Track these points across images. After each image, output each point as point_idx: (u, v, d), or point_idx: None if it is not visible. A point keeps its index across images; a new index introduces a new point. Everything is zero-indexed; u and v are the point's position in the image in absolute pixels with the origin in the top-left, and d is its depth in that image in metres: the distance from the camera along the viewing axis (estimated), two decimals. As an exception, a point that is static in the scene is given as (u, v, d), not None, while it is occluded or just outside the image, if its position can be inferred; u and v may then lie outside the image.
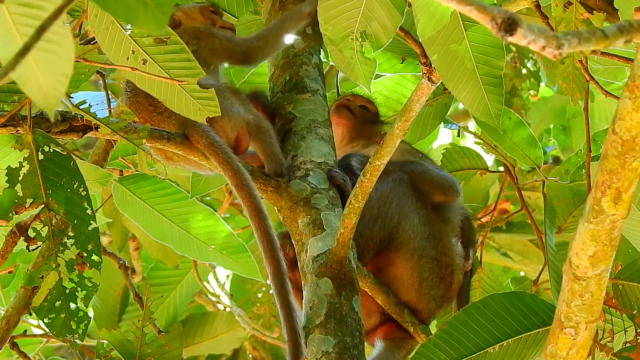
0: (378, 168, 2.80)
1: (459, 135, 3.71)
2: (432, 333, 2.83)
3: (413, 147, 3.54)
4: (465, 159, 3.75)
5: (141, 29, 2.52)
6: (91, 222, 2.73)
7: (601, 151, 2.07)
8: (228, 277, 5.12)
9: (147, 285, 3.41)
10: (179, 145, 2.95)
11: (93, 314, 4.91)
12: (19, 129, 2.74)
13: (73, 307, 2.72)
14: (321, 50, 3.48)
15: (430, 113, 3.65)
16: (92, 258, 2.72)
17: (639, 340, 2.77)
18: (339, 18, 2.90)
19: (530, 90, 5.38)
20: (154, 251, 4.75)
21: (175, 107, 2.73)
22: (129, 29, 2.55)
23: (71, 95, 2.81)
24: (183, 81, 2.61)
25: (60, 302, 2.72)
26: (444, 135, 6.78)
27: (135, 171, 3.62)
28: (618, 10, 2.81)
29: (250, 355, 5.12)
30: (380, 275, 3.17)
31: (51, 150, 2.75)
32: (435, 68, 2.76)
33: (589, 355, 2.46)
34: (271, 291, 4.97)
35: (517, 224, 4.32)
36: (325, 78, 3.45)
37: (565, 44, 1.61)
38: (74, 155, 2.84)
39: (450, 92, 3.11)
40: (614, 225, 2.12)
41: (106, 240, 4.90)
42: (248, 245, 3.76)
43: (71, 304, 2.72)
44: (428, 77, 2.70)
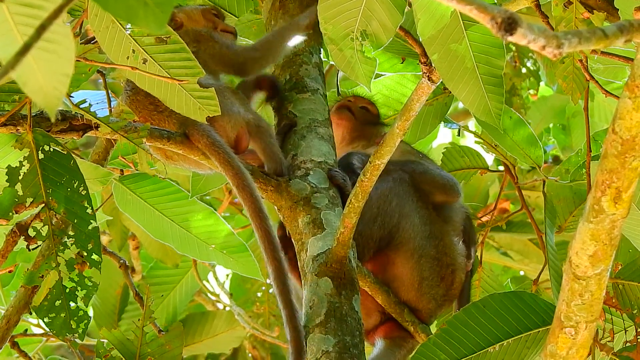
0: (378, 167, 2.80)
1: (459, 135, 3.71)
2: (433, 332, 2.83)
3: (413, 148, 3.53)
4: (466, 158, 3.75)
5: (141, 29, 2.52)
6: (91, 222, 2.73)
7: (601, 151, 2.07)
8: (228, 276, 5.12)
9: (148, 285, 3.40)
10: (179, 145, 2.95)
11: (93, 313, 4.91)
12: (19, 128, 2.74)
13: (73, 306, 2.72)
14: (321, 49, 3.48)
15: (431, 112, 3.65)
16: (92, 257, 2.72)
17: (639, 340, 2.77)
18: (339, 17, 2.90)
19: (530, 89, 5.37)
20: (154, 250, 4.75)
21: (176, 107, 2.73)
22: (129, 28, 2.55)
23: (71, 95, 2.81)
24: (183, 80, 2.61)
25: (60, 302, 2.72)
26: (444, 134, 6.78)
27: (135, 170, 3.62)
28: (618, 9, 2.81)
29: (250, 355, 5.12)
30: (380, 274, 3.17)
31: (51, 149, 2.74)
32: (435, 67, 2.76)
33: (589, 355, 2.45)
34: (271, 290, 4.98)
35: (517, 223, 4.32)
36: (325, 77, 3.44)
37: (565, 44, 1.61)
38: (74, 154, 2.84)
39: (451, 92, 3.11)
40: (614, 224, 2.12)
41: (106, 239, 4.90)
42: (248, 244, 3.76)
43: (71, 303, 2.72)
44: (428, 77, 2.70)
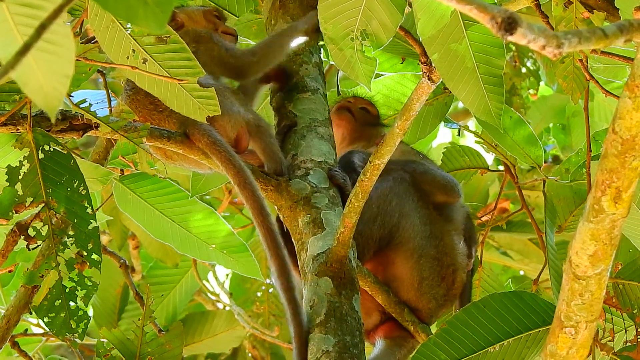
0: (378, 167, 2.79)
1: (459, 135, 3.71)
2: (433, 332, 2.83)
3: (413, 148, 3.53)
4: (466, 157, 3.75)
5: (141, 28, 2.52)
6: (91, 221, 2.73)
7: (601, 150, 2.07)
8: (227, 276, 5.12)
9: (148, 284, 3.40)
10: (179, 144, 2.94)
11: (93, 313, 4.91)
12: (19, 127, 2.74)
13: (73, 306, 2.72)
14: (321, 49, 3.48)
15: (431, 112, 3.65)
16: (92, 257, 2.72)
17: (639, 340, 2.77)
18: (339, 17, 2.90)
19: (530, 89, 5.38)
20: (154, 250, 4.75)
21: (175, 106, 2.73)
22: (129, 28, 2.55)
23: (71, 94, 2.81)
24: (183, 80, 2.61)
25: (60, 301, 2.72)
26: (444, 134, 6.78)
27: (135, 170, 3.62)
28: (618, 9, 2.81)
29: (250, 354, 5.12)
30: (380, 274, 3.17)
31: (51, 149, 2.74)
32: (435, 67, 2.76)
33: (589, 355, 2.45)
34: (271, 290, 4.98)
35: (517, 223, 4.33)
36: (325, 77, 3.44)
37: (565, 43, 1.61)
38: (74, 154, 2.84)
39: (451, 91, 3.11)
40: (614, 224, 2.12)
41: (106, 239, 4.90)
42: (248, 244, 3.76)
43: (71, 302, 2.72)
44: (428, 76, 2.70)
